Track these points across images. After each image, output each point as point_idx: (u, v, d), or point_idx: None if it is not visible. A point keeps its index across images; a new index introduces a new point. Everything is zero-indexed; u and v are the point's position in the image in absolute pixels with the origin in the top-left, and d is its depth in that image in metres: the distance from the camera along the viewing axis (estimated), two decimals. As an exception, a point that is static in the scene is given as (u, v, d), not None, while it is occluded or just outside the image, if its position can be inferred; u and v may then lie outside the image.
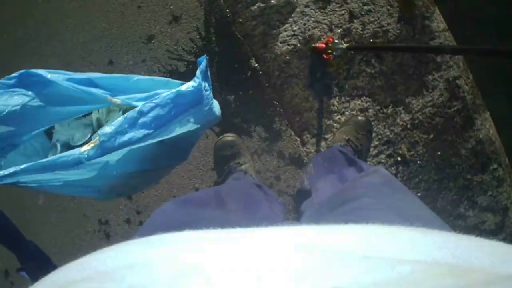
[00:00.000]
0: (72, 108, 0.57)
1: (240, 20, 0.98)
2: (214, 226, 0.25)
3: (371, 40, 1.00)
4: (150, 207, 1.08)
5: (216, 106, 0.69)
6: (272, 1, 0.97)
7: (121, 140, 0.50)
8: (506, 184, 1.18)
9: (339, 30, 0.99)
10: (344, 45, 0.87)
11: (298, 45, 0.98)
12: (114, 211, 1.11)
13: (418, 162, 1.08)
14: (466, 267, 0.16)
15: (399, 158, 1.06)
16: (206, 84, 0.58)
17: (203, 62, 0.58)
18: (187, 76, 1.00)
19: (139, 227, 1.12)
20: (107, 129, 0.49)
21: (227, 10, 0.99)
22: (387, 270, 0.16)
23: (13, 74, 0.52)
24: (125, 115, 0.50)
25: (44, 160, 0.49)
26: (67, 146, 0.74)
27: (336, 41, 0.90)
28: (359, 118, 0.98)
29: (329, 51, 0.89)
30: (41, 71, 0.52)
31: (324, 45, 0.92)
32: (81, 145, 0.68)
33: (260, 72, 0.98)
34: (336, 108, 1.00)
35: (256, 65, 0.98)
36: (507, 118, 1.17)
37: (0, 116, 0.50)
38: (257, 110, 0.99)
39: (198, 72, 0.56)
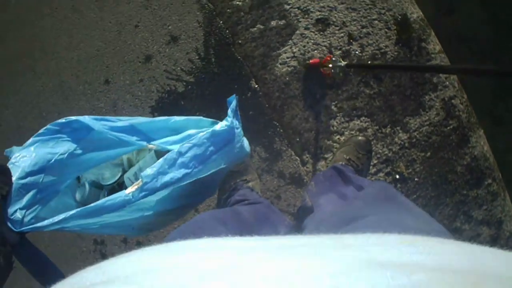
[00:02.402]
0: (111, 152, 0.59)
1: (240, 42, 0.98)
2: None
3: (369, 62, 1.01)
4: (150, 242, 1.06)
5: (245, 142, 0.71)
6: (272, 23, 0.97)
7: (163, 181, 0.52)
8: (500, 198, 1.21)
9: (339, 52, 0.99)
10: (343, 63, 0.88)
11: (298, 66, 0.98)
12: (109, 245, 1.09)
13: (416, 179, 1.09)
14: (481, 274, 0.17)
15: (397, 176, 1.07)
16: (237, 123, 0.61)
17: (233, 101, 0.61)
18: (185, 96, 0.99)
19: (136, 247, 1.09)
20: (149, 171, 0.51)
21: (227, 31, 0.98)
22: (403, 278, 0.16)
23: (59, 121, 0.54)
24: (165, 156, 0.52)
25: (92, 204, 0.50)
26: (96, 185, 0.73)
27: (334, 58, 0.90)
28: (359, 138, 0.99)
29: (328, 66, 0.90)
30: (85, 119, 0.53)
31: (318, 60, 0.93)
32: (111, 184, 0.69)
33: (260, 93, 0.98)
34: (335, 128, 1.01)
35: (256, 86, 0.98)
36: (491, 135, 1.20)
37: (48, 165, 0.51)
38: (257, 131, 0.99)
39: (229, 111, 0.59)
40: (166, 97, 0.99)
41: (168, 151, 0.55)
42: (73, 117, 0.54)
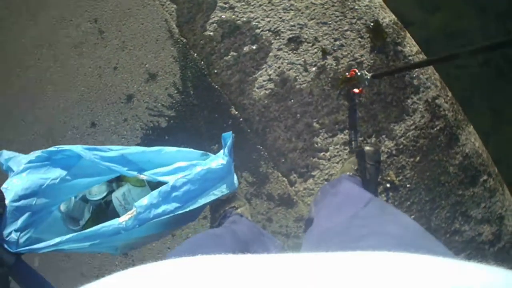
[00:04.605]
0: (101, 177, 0.62)
1: (216, 71, 0.99)
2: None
3: (346, 73, 1.01)
4: (145, 260, 1.09)
5: (235, 177, 0.71)
6: (245, 49, 0.98)
7: (155, 212, 0.53)
8: (498, 193, 1.19)
9: (314, 69, 1.00)
10: (369, 75, 0.89)
11: (275, 88, 0.99)
12: (110, 267, 1.12)
13: (408, 185, 1.08)
14: None
15: (388, 185, 1.07)
16: (231, 160, 0.61)
17: (229, 139, 0.60)
18: (169, 131, 1.02)
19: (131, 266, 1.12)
20: (143, 201, 0.53)
21: (202, 62, 1.00)
22: None
23: (50, 149, 0.56)
24: (159, 189, 0.54)
25: (87, 230, 0.52)
26: (81, 198, 0.76)
27: (359, 73, 0.91)
28: (368, 148, 0.98)
29: (357, 82, 0.91)
30: (77, 149, 0.55)
31: (353, 73, 0.95)
32: (98, 200, 0.71)
33: (241, 119, 0.99)
34: (320, 145, 1.01)
35: (236, 112, 1.00)
36: (491, 129, 1.18)
37: (41, 189, 0.54)
38: (241, 156, 1.00)
39: (226, 150, 0.59)
40: (151, 134, 1.01)
41: (158, 181, 0.56)
42: (66, 146, 0.56)
